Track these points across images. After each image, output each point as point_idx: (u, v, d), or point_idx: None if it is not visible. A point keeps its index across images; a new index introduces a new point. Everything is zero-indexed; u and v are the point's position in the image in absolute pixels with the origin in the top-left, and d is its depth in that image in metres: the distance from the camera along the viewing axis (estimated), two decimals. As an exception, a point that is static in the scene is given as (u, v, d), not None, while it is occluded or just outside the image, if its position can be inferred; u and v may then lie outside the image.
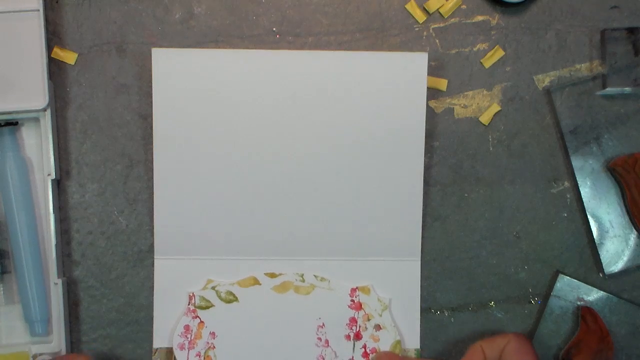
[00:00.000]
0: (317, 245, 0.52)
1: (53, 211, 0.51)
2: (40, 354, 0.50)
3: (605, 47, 0.53)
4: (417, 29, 0.54)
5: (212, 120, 0.51)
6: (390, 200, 0.51)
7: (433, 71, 0.54)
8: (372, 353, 0.52)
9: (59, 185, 0.53)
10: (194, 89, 0.51)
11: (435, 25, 0.54)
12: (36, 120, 0.52)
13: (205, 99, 0.51)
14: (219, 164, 0.51)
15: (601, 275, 0.53)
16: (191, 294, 0.52)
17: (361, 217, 0.52)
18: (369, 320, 0.52)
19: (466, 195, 0.53)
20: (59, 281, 0.51)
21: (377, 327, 0.52)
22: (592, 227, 0.53)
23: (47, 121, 0.51)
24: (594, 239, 0.53)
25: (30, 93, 0.51)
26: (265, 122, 0.51)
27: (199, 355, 0.51)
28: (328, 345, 0.52)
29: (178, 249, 0.52)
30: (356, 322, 0.52)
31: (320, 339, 0.52)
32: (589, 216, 0.53)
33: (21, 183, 0.51)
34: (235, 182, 0.51)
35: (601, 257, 0.52)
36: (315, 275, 0.52)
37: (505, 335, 0.47)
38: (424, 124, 0.51)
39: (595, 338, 0.51)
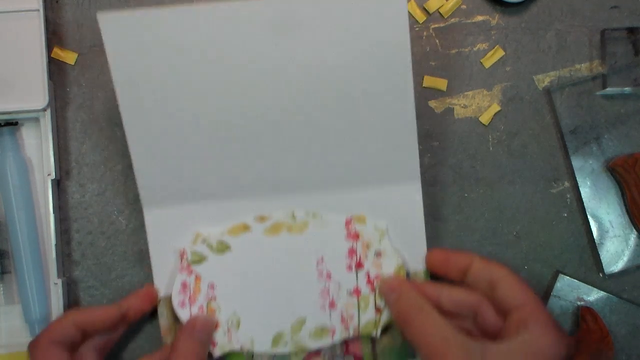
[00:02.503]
0: (308, 177, 0.50)
1: (53, 211, 0.51)
2: (40, 354, 0.51)
3: (605, 47, 0.53)
4: (417, 29, 0.54)
5: (181, 67, 0.47)
6: (382, 123, 0.49)
7: (433, 71, 0.54)
8: (376, 279, 0.50)
9: (59, 185, 0.53)
10: (156, 45, 0.47)
11: (435, 25, 0.54)
12: (36, 120, 0.52)
13: (170, 50, 0.47)
14: (194, 107, 0.48)
15: (601, 275, 0.53)
16: (182, 250, 0.50)
17: (353, 144, 0.49)
18: (368, 248, 0.50)
19: (466, 195, 0.53)
20: (59, 281, 0.51)
21: (378, 254, 0.50)
22: (592, 227, 0.53)
23: (47, 121, 0.51)
24: (594, 239, 0.53)
25: (30, 93, 0.51)
26: (243, 62, 0.48)
27: (201, 308, 0.50)
28: (330, 278, 0.50)
29: (164, 196, 0.50)
30: (355, 252, 0.50)
31: (321, 273, 0.50)
32: (589, 216, 0.53)
33: (21, 183, 0.51)
34: (215, 120, 0.49)
35: (601, 257, 0.52)
36: (306, 212, 0.50)
37: (502, 268, 0.46)
38: (409, 41, 0.47)
39: (595, 338, 0.51)
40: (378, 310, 0.50)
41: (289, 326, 0.50)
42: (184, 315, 0.50)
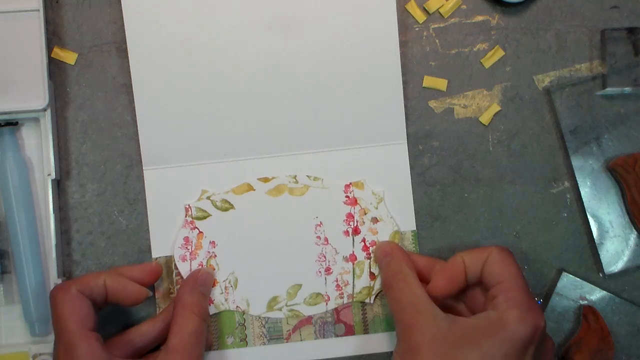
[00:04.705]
0: (305, 138, 0.52)
1: (53, 211, 0.51)
2: (40, 354, 0.50)
3: (605, 47, 0.53)
4: (417, 29, 0.54)
5: (188, 26, 0.51)
6: (372, 87, 0.52)
7: (433, 71, 0.54)
8: (372, 246, 0.52)
9: (59, 185, 0.53)
10: (165, 9, 0.51)
11: (435, 25, 0.54)
12: (36, 120, 0.52)
13: (176, 14, 0.51)
14: (200, 67, 0.51)
15: (601, 275, 0.53)
16: (187, 206, 0.52)
17: (347, 107, 0.52)
18: (365, 214, 0.52)
19: (466, 195, 0.53)
20: (59, 281, 0.51)
21: (375, 220, 0.52)
22: (592, 227, 0.53)
23: (47, 121, 0.51)
24: (594, 239, 0.53)
25: (30, 93, 0.51)
26: (244, 26, 0.51)
27: (201, 265, 0.52)
28: (328, 243, 0.52)
29: (167, 157, 0.52)
30: (353, 218, 0.52)
31: (319, 237, 0.52)
32: (589, 216, 0.53)
33: (21, 183, 0.51)
34: (219, 82, 0.51)
35: (601, 257, 0.52)
36: (308, 176, 0.52)
37: (487, 248, 0.47)
38: (395, 11, 0.51)
39: (596, 337, 0.51)
40: (372, 276, 0.52)
41: (284, 291, 0.52)
42: (184, 269, 0.52)
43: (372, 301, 0.52)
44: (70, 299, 0.46)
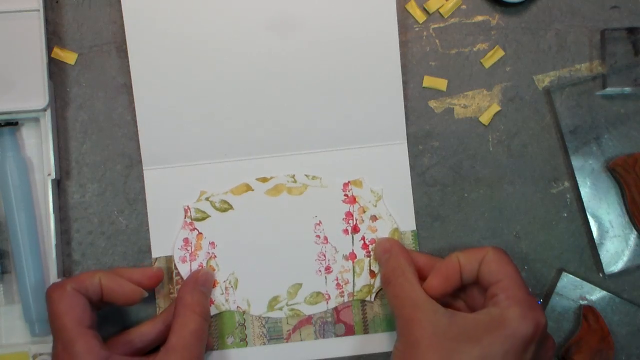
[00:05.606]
0: (305, 138, 0.52)
1: (53, 211, 0.51)
2: (40, 354, 0.50)
3: (605, 47, 0.53)
4: (417, 29, 0.54)
5: (188, 26, 0.51)
6: (371, 87, 0.52)
7: (433, 71, 0.54)
8: (372, 244, 0.52)
9: (59, 185, 0.53)
10: (166, 10, 0.51)
11: (435, 25, 0.54)
12: (36, 120, 0.52)
13: (177, 15, 0.51)
14: (199, 67, 0.51)
15: (601, 275, 0.53)
16: (186, 207, 0.52)
17: (346, 107, 0.52)
18: (364, 212, 0.52)
19: (466, 195, 0.53)
20: (59, 281, 0.51)
21: (374, 218, 0.52)
22: (592, 227, 0.53)
23: (47, 121, 0.51)
24: (594, 239, 0.53)
25: (30, 93, 0.51)
26: (243, 26, 0.51)
27: (201, 266, 0.52)
28: (327, 241, 0.52)
29: (166, 157, 0.52)
30: (352, 216, 0.52)
31: (319, 236, 0.52)
32: (589, 216, 0.53)
33: (21, 183, 0.51)
34: (218, 83, 0.51)
35: (601, 257, 0.52)
36: (306, 175, 0.52)
37: (483, 248, 0.47)
38: (395, 11, 0.51)
39: (596, 337, 0.51)
40: (372, 274, 0.52)
41: (285, 290, 0.52)
42: (184, 270, 0.52)
43: (372, 299, 0.52)
44: (66, 297, 0.46)
